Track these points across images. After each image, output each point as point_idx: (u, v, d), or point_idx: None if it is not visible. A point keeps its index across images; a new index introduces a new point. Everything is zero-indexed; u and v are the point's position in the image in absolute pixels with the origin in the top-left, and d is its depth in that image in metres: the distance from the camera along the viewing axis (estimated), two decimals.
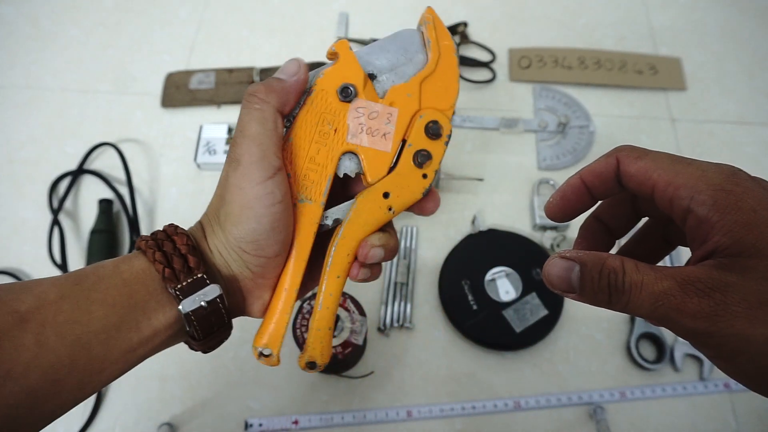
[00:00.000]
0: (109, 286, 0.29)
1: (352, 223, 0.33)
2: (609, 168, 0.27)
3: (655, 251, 0.32)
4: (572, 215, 0.30)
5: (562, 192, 0.30)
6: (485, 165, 0.71)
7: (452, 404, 0.58)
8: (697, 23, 0.84)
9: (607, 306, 0.25)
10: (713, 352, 0.24)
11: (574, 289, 0.25)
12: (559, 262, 0.25)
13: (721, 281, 0.22)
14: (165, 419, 0.57)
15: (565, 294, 0.26)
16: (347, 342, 0.52)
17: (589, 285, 0.25)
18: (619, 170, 0.27)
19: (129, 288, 0.30)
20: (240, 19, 0.83)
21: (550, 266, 0.26)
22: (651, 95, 0.77)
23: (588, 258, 0.25)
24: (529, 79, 0.78)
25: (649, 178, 0.25)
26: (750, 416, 0.58)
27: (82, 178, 0.71)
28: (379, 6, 0.85)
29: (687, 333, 0.23)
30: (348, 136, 0.33)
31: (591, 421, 0.57)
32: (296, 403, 0.58)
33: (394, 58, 0.34)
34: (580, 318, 0.62)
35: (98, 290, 0.29)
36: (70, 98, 0.77)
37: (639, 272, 0.23)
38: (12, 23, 0.84)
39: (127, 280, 0.30)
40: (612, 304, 0.24)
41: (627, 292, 0.23)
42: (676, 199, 0.24)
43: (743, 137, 0.74)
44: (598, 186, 0.28)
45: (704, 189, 0.23)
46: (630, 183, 0.27)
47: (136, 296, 0.30)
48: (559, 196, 0.30)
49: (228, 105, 0.76)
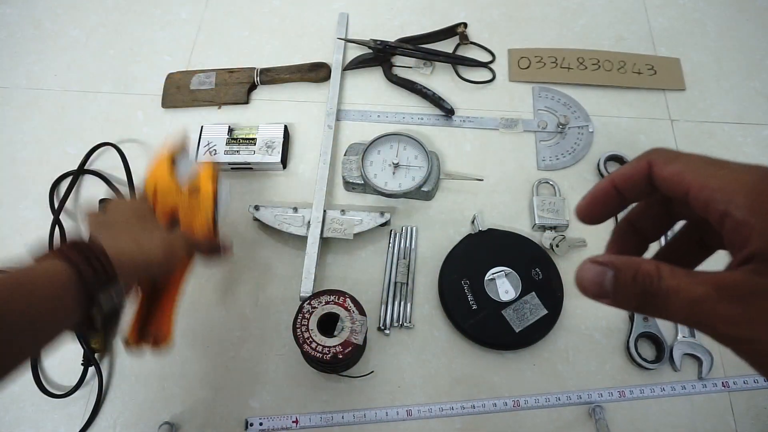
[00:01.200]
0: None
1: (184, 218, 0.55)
2: (640, 171, 0.27)
3: (692, 256, 0.31)
4: (602, 218, 0.30)
5: (592, 195, 0.29)
6: (485, 165, 0.72)
7: (452, 403, 0.58)
8: (696, 24, 0.84)
9: (641, 311, 0.25)
10: (752, 359, 0.23)
11: (608, 294, 0.25)
12: (592, 267, 0.25)
13: (759, 286, 0.21)
14: (165, 418, 0.57)
15: (598, 299, 0.26)
16: (347, 342, 0.52)
17: (623, 290, 0.24)
18: (651, 173, 0.26)
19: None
20: (240, 20, 0.84)
21: (582, 271, 0.26)
22: (650, 95, 0.77)
23: (621, 263, 0.24)
24: (529, 80, 0.78)
25: (682, 181, 0.25)
26: (748, 415, 0.58)
27: (83, 179, 0.71)
28: (379, 6, 0.85)
29: (724, 339, 0.23)
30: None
31: (590, 421, 0.57)
32: (296, 402, 0.58)
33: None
34: (579, 318, 0.62)
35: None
36: (72, 99, 0.77)
37: (675, 277, 0.23)
38: (14, 24, 0.84)
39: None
40: (646, 309, 0.24)
41: (662, 298, 0.23)
42: (712, 202, 0.24)
43: (742, 137, 0.74)
44: (629, 189, 0.28)
45: (741, 191, 0.23)
46: (663, 186, 0.26)
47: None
48: (589, 198, 0.29)
49: (228, 105, 0.76)
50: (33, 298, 0.38)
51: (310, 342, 0.52)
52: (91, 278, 0.40)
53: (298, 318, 0.53)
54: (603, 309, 0.63)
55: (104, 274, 0.41)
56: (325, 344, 0.52)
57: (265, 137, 0.71)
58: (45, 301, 0.38)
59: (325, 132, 0.72)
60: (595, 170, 0.71)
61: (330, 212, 0.66)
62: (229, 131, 0.71)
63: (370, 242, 0.67)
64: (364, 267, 0.65)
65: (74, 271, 0.40)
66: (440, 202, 0.69)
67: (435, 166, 0.67)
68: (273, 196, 0.70)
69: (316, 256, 0.63)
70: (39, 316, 0.38)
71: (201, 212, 0.55)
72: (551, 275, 0.62)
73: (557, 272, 0.62)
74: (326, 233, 0.64)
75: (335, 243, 0.66)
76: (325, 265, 0.65)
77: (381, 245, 0.66)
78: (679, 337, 0.61)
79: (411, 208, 0.69)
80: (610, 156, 0.71)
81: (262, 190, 0.70)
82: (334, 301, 0.54)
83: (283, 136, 0.71)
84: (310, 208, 0.66)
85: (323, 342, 0.52)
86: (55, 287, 0.39)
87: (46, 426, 0.57)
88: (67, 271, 0.40)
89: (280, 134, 0.71)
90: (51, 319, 0.39)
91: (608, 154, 0.71)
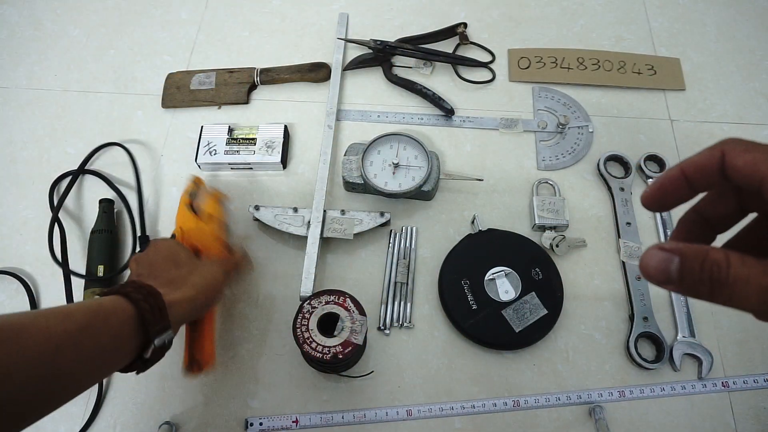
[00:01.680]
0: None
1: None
2: (712, 160, 0.26)
3: (763, 247, 0.29)
4: (669, 206, 0.29)
5: (659, 182, 0.29)
6: (485, 165, 0.72)
7: (452, 403, 0.58)
8: (695, 24, 0.84)
9: (708, 299, 0.24)
10: None
11: (673, 280, 0.24)
12: (657, 254, 0.25)
13: None
14: (165, 418, 0.57)
15: (663, 285, 0.25)
16: (347, 341, 0.52)
17: (689, 277, 0.24)
18: (724, 163, 0.26)
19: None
20: (240, 20, 0.84)
21: (647, 257, 0.25)
22: (650, 95, 0.77)
23: (688, 250, 0.24)
24: (529, 80, 0.78)
25: (757, 171, 0.24)
26: (748, 415, 0.58)
27: (84, 179, 0.71)
28: (379, 6, 0.85)
29: None
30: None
31: (590, 420, 0.57)
32: (296, 402, 0.58)
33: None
34: (579, 318, 0.62)
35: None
36: (72, 99, 0.77)
37: (745, 265, 0.23)
38: (14, 24, 0.84)
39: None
40: (714, 296, 0.24)
41: (731, 286, 0.23)
42: None
43: (742, 137, 0.74)
44: (699, 178, 0.27)
45: None
46: (736, 176, 0.26)
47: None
48: (656, 186, 0.29)
49: (228, 105, 0.76)
50: (105, 328, 0.40)
51: (310, 342, 0.52)
52: (149, 317, 0.42)
53: (298, 318, 0.53)
54: (603, 309, 0.63)
55: (159, 313, 0.43)
56: (325, 344, 0.52)
57: (265, 137, 0.71)
58: (113, 334, 0.40)
59: (325, 132, 0.72)
60: (595, 170, 0.71)
61: (330, 212, 0.66)
62: (229, 131, 0.71)
63: (370, 242, 0.67)
64: (364, 267, 0.65)
65: (135, 308, 0.42)
66: (440, 202, 0.69)
67: (435, 166, 0.67)
68: (273, 196, 0.70)
69: (316, 256, 0.63)
70: (104, 350, 0.40)
71: (211, 235, 0.59)
72: (551, 275, 0.62)
73: (557, 272, 0.62)
74: (326, 233, 0.64)
75: (335, 243, 0.66)
76: (325, 265, 0.65)
77: (381, 245, 0.66)
78: (679, 337, 0.61)
79: (411, 208, 0.69)
80: (610, 156, 0.71)
81: (262, 190, 0.70)
82: (334, 301, 0.54)
83: (283, 136, 0.71)
84: (310, 208, 0.66)
85: (323, 342, 0.52)
86: (120, 321, 0.41)
87: (46, 426, 0.57)
88: (129, 308, 0.42)
89: (280, 134, 0.71)
90: (114, 353, 0.41)
91: (608, 154, 0.71)
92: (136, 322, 0.42)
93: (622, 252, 0.65)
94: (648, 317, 0.61)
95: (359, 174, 0.67)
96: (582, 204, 0.69)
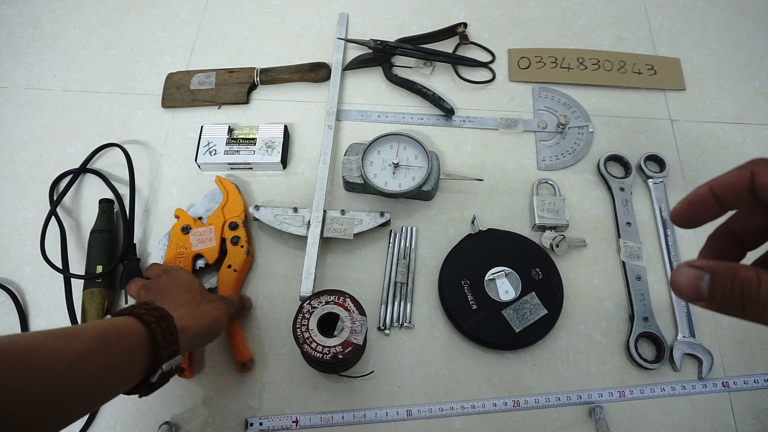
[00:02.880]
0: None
1: (220, 282, 0.62)
2: (742, 180, 0.27)
3: None
4: (698, 223, 0.30)
5: (689, 200, 0.29)
6: (485, 165, 0.72)
7: (452, 403, 0.58)
8: (695, 24, 0.84)
9: (739, 315, 0.25)
10: None
11: (703, 297, 0.25)
12: (688, 271, 0.25)
13: None
14: (165, 418, 0.57)
15: (694, 302, 0.26)
16: (347, 342, 0.52)
17: (720, 294, 0.24)
18: (753, 182, 0.27)
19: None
20: (240, 20, 0.84)
21: (678, 274, 0.26)
22: (650, 95, 0.77)
23: (719, 267, 0.25)
24: (529, 80, 0.78)
25: None
26: (748, 415, 0.58)
27: (84, 179, 0.71)
28: (379, 6, 0.85)
29: None
30: (192, 248, 0.63)
31: (590, 421, 0.57)
32: (296, 402, 0.58)
33: (208, 205, 0.68)
34: (579, 318, 0.62)
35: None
36: (72, 99, 0.77)
37: None
38: (14, 24, 0.84)
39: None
40: (745, 313, 0.24)
41: (762, 303, 0.23)
42: None
43: (742, 137, 0.74)
44: (728, 197, 0.28)
45: None
46: (766, 196, 0.26)
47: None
48: (686, 203, 0.29)
49: (228, 105, 0.76)
50: (116, 349, 0.40)
51: (310, 342, 0.52)
52: (161, 340, 0.42)
53: (298, 318, 0.53)
54: (603, 309, 0.63)
55: (171, 337, 0.43)
56: (325, 344, 0.52)
57: (265, 137, 0.71)
58: (123, 355, 0.40)
59: (325, 132, 0.72)
60: (595, 170, 0.71)
61: (330, 212, 0.66)
62: (229, 131, 0.71)
63: (370, 242, 0.67)
64: (364, 267, 0.65)
65: (147, 330, 0.42)
66: (440, 202, 0.69)
67: (435, 166, 0.67)
68: (273, 196, 0.70)
69: (316, 256, 0.63)
70: (114, 371, 0.40)
71: (235, 280, 0.63)
72: (551, 275, 0.62)
73: (557, 272, 0.62)
74: (326, 233, 0.64)
75: (335, 243, 0.66)
76: (325, 265, 0.65)
77: (381, 245, 0.66)
78: (679, 337, 0.61)
79: (411, 208, 0.69)
80: (610, 156, 0.71)
81: (262, 190, 0.70)
82: (334, 301, 0.54)
83: (283, 136, 0.71)
84: (310, 208, 0.66)
85: (323, 342, 0.52)
86: (131, 343, 0.41)
87: None
88: (141, 330, 0.42)
89: (280, 134, 0.71)
90: (123, 374, 0.41)
91: (608, 154, 0.71)
92: (147, 345, 0.42)
93: (623, 252, 0.65)
94: (648, 317, 0.61)
95: (359, 174, 0.67)
96: (582, 204, 0.69)
